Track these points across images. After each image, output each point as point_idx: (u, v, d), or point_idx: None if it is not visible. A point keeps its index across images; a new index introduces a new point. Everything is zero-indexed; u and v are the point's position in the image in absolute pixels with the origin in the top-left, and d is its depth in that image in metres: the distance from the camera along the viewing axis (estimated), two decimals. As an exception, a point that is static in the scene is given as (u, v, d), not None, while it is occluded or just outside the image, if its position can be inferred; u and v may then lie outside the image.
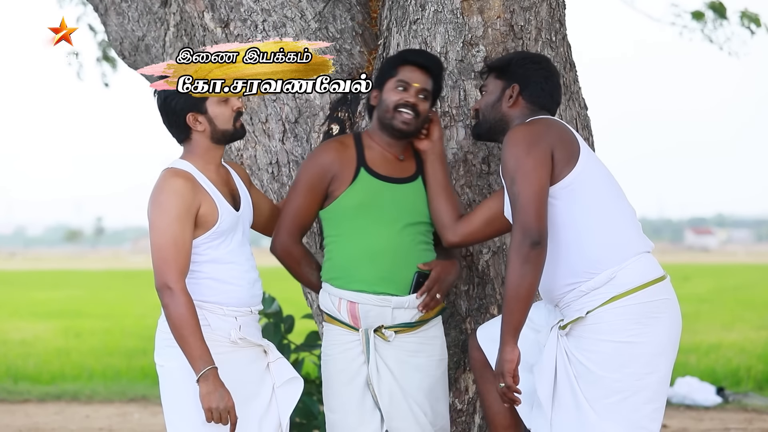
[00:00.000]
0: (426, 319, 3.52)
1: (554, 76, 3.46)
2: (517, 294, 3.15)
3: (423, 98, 3.50)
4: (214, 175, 3.37)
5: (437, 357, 3.56)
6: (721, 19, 8.06)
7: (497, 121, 3.43)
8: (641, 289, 3.22)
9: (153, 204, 3.27)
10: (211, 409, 3.16)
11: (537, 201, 3.17)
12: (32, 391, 9.94)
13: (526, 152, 3.19)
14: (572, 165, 3.24)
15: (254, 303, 3.40)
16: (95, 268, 48.12)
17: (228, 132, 3.37)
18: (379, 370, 3.45)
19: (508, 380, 3.17)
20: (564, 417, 3.26)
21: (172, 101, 3.32)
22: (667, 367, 3.26)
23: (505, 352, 3.17)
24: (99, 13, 4.78)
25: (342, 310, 3.48)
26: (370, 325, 3.46)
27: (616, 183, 3.36)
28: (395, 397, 3.46)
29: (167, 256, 3.22)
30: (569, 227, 3.24)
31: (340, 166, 3.49)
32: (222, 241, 3.33)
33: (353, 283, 3.46)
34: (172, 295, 3.19)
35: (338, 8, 4.08)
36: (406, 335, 3.49)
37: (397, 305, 3.45)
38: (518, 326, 3.17)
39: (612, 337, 3.20)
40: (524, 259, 3.14)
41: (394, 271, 3.45)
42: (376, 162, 3.52)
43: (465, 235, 3.48)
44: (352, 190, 3.48)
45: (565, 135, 3.29)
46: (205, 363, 3.17)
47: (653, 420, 3.23)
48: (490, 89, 3.46)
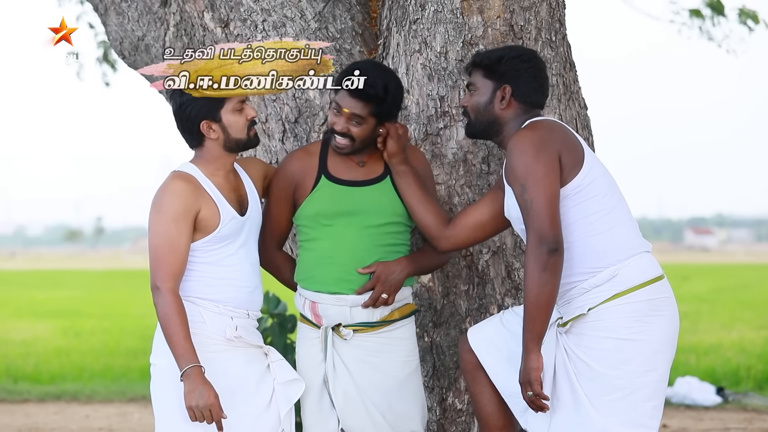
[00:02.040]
0: (391, 320, 3.52)
1: (543, 72, 3.42)
2: (538, 302, 3.14)
3: (356, 123, 3.43)
4: (223, 180, 3.38)
5: (403, 358, 3.53)
6: (720, 17, 8.06)
7: (490, 123, 3.40)
8: (643, 287, 3.23)
9: (153, 205, 3.31)
10: (191, 407, 3.18)
11: (550, 207, 3.16)
12: (32, 391, 9.94)
13: (535, 159, 3.18)
14: (578, 168, 3.24)
15: (252, 307, 3.41)
16: (95, 268, 48.12)
17: (241, 141, 3.38)
18: (335, 367, 3.48)
19: (537, 388, 3.16)
20: (563, 414, 3.26)
21: (187, 108, 3.33)
22: (666, 364, 3.26)
23: (530, 361, 3.16)
24: (99, 13, 4.78)
25: (306, 309, 3.53)
26: (330, 323, 3.49)
27: (615, 183, 3.36)
28: (350, 396, 3.47)
29: (160, 256, 3.26)
30: (575, 228, 3.24)
31: (302, 174, 3.53)
32: (223, 246, 3.35)
33: (314, 284, 3.51)
34: (159, 295, 3.24)
35: (338, 8, 4.08)
36: (367, 335, 3.50)
37: (354, 303, 3.48)
38: (541, 334, 3.17)
39: (613, 334, 3.20)
40: (543, 266, 3.13)
41: (351, 273, 3.47)
42: (338, 168, 3.53)
43: (457, 241, 3.48)
44: (313, 197, 3.51)
45: (569, 138, 3.29)
46: (188, 361, 3.19)
47: (653, 417, 3.24)
48: (479, 89, 3.40)
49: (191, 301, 3.30)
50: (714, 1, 8.01)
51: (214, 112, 3.33)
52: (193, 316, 3.28)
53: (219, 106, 3.32)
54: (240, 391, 3.30)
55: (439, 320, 3.86)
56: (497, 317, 3.52)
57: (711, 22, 8.13)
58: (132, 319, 17.71)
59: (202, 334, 3.27)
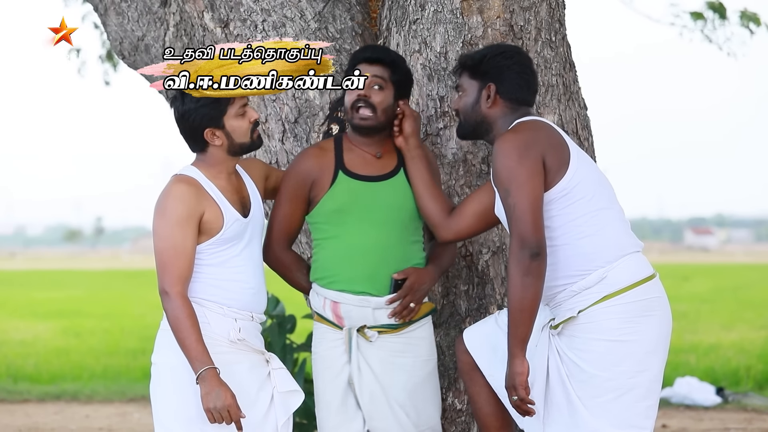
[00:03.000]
0: (410, 321, 3.51)
1: (528, 67, 3.41)
2: (521, 306, 3.14)
3: (378, 88, 3.48)
4: (225, 182, 3.38)
5: (424, 357, 3.54)
6: (721, 19, 8.05)
7: (479, 123, 3.40)
8: (633, 288, 3.23)
9: (156, 209, 3.31)
10: (209, 409, 3.17)
11: (533, 212, 3.16)
12: (32, 391, 9.94)
13: (518, 162, 3.18)
14: (564, 170, 3.23)
15: (256, 309, 3.41)
16: (95, 268, 48.11)
17: (245, 144, 3.38)
18: (360, 369, 3.47)
19: (521, 393, 3.17)
20: (556, 416, 3.26)
21: (189, 117, 3.32)
22: (659, 365, 3.26)
23: (514, 365, 3.16)
24: (99, 13, 4.78)
25: (327, 309, 3.51)
26: (353, 324, 3.48)
27: (606, 181, 3.35)
28: (376, 397, 3.47)
29: (166, 261, 3.26)
30: (562, 230, 3.24)
31: (319, 171, 3.52)
32: (227, 248, 3.35)
33: (335, 283, 3.49)
34: (169, 300, 3.24)
35: (338, 8, 4.08)
36: (390, 336, 3.50)
37: (377, 306, 3.47)
38: (525, 338, 3.17)
39: (604, 335, 3.20)
40: (525, 271, 3.13)
41: (375, 270, 3.47)
42: (354, 163, 3.53)
43: (458, 231, 3.48)
44: (332, 193, 3.50)
45: (554, 139, 3.27)
46: (202, 364, 3.18)
47: (647, 417, 3.24)
48: (465, 89, 3.41)
49: (196, 302, 3.30)
50: (716, 4, 8.00)
51: (217, 119, 3.32)
52: (198, 317, 3.27)
53: (222, 112, 3.31)
54: (243, 398, 3.29)
55: (438, 320, 3.86)
56: (492, 318, 3.53)
57: (712, 24, 8.12)
58: (132, 319, 17.71)
59: (205, 335, 3.26)
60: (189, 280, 3.28)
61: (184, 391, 3.24)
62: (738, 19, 7.97)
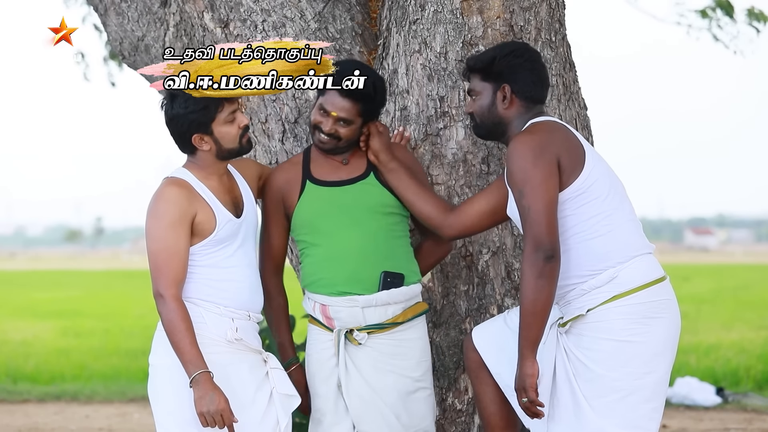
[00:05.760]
0: (399, 321, 3.50)
1: (538, 62, 3.41)
2: (533, 309, 3.14)
3: (344, 124, 3.46)
4: (217, 183, 3.38)
5: (416, 359, 3.53)
6: (729, 17, 8.03)
7: (496, 125, 3.39)
8: (642, 289, 3.22)
9: (148, 212, 3.31)
10: (203, 414, 3.18)
11: (548, 214, 3.15)
12: (32, 391, 9.94)
13: (533, 164, 3.17)
14: (578, 171, 3.23)
15: (252, 308, 3.41)
16: (95, 268, 48.12)
17: (234, 150, 3.38)
18: (348, 371, 3.47)
19: (531, 395, 3.16)
20: (562, 415, 3.26)
21: (178, 122, 3.32)
22: (665, 367, 3.26)
23: (525, 367, 3.16)
24: (99, 13, 4.78)
25: (317, 311, 3.52)
26: (343, 326, 3.48)
27: (619, 182, 3.35)
28: (365, 400, 3.46)
29: (160, 263, 3.26)
30: (575, 230, 3.23)
31: (287, 185, 3.54)
32: (221, 248, 3.35)
33: (321, 287, 3.50)
34: (163, 302, 3.24)
35: (338, 8, 4.08)
36: (380, 337, 3.48)
37: (366, 304, 3.47)
38: (536, 341, 3.17)
39: (612, 335, 3.20)
40: (539, 273, 3.12)
41: (358, 271, 3.47)
42: (322, 171, 3.54)
43: (462, 228, 3.47)
44: (302, 203, 3.52)
45: (570, 140, 3.27)
46: (196, 367, 3.19)
47: (651, 419, 3.23)
48: (479, 93, 3.39)
49: (192, 302, 3.31)
50: (723, 2, 7.98)
51: (206, 126, 3.32)
52: (194, 317, 3.28)
53: (210, 118, 3.31)
54: (241, 398, 3.29)
55: (438, 320, 3.86)
56: (501, 317, 3.52)
57: (717, 23, 8.10)
58: (132, 319, 17.71)
59: (203, 335, 3.27)
60: (183, 282, 3.28)
61: (181, 392, 3.24)
62: (745, 17, 7.95)
